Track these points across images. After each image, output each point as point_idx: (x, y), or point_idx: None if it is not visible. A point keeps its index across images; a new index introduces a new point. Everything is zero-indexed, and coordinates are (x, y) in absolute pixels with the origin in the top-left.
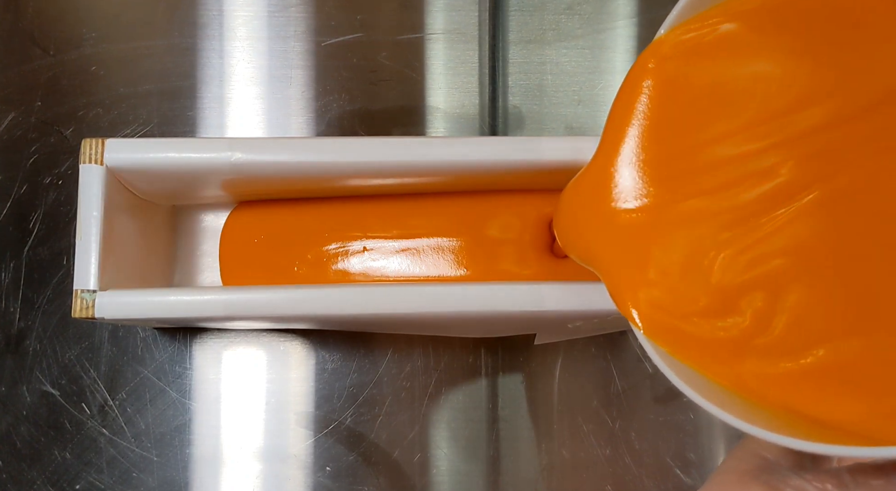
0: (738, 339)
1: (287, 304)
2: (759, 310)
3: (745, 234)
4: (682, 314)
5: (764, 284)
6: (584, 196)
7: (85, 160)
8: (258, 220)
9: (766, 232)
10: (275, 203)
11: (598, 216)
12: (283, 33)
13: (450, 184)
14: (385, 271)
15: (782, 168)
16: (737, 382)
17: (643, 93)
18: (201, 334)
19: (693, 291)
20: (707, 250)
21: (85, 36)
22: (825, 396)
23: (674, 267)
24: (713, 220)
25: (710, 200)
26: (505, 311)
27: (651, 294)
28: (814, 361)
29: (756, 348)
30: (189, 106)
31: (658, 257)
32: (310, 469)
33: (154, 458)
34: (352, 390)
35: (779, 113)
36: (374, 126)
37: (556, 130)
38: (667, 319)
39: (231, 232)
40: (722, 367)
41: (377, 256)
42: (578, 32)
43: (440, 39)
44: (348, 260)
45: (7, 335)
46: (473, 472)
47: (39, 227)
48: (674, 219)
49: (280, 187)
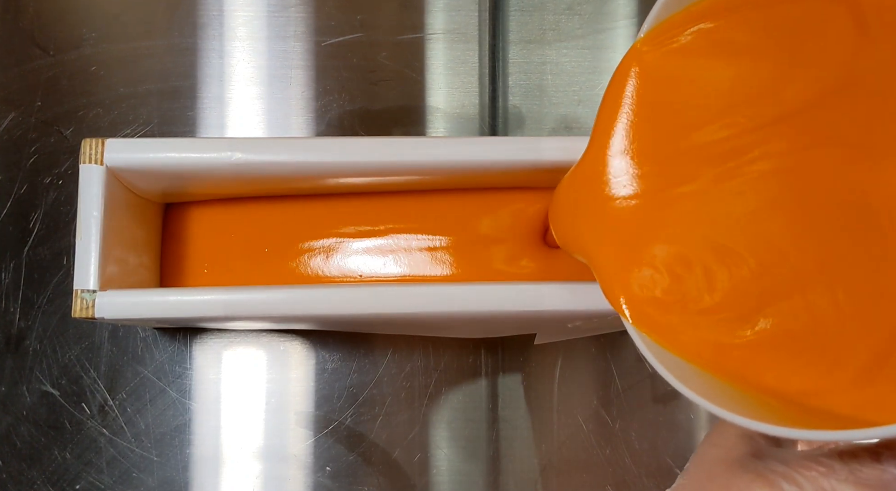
0: (706, 312)
1: (287, 304)
2: (723, 281)
3: (722, 218)
4: (671, 303)
5: (726, 259)
6: (578, 186)
7: (85, 160)
8: (236, 218)
9: (736, 214)
10: (259, 200)
11: (592, 204)
12: (283, 33)
13: (448, 182)
14: (374, 269)
15: (750, 153)
16: (717, 364)
17: (627, 89)
18: (201, 334)
19: (681, 277)
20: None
21: (85, 36)
22: (779, 363)
23: (663, 254)
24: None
25: (695, 186)
26: (505, 311)
27: (640, 282)
28: (763, 327)
29: (719, 321)
30: (189, 106)
31: (648, 245)
32: (310, 469)
33: (154, 458)
34: (352, 390)
35: (744, 102)
36: (374, 126)
37: (556, 130)
38: (654, 308)
39: (204, 228)
40: (703, 349)
41: (368, 254)
42: (578, 32)
43: (440, 39)
44: (334, 258)
45: (7, 335)
46: (473, 472)
47: (39, 227)
48: (662, 206)
49: (275, 186)
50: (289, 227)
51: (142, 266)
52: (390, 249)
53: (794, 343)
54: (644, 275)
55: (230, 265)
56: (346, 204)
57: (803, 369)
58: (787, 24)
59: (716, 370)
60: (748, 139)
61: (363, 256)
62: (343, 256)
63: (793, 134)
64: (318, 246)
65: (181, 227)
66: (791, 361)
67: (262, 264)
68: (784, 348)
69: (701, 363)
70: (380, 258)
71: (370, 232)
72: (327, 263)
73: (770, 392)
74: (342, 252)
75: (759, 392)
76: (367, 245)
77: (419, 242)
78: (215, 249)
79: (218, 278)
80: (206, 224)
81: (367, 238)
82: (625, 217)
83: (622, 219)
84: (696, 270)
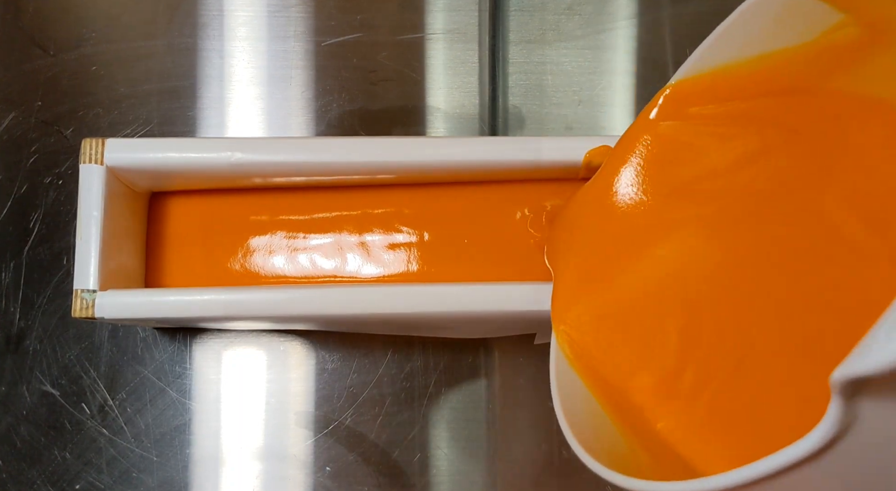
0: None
1: (287, 304)
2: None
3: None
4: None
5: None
6: (584, 198)
7: (85, 160)
8: (224, 208)
9: (694, 273)
10: (243, 192)
11: (594, 213)
12: (283, 33)
13: (448, 177)
14: (368, 265)
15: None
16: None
17: (642, 141)
18: (201, 334)
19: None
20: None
21: (85, 36)
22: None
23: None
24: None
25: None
26: (505, 311)
27: (580, 313)
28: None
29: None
30: (189, 106)
31: (620, 277)
32: (310, 469)
33: (154, 458)
34: (352, 390)
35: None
36: (374, 126)
37: (556, 130)
38: (593, 348)
39: (192, 218)
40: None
41: (362, 249)
42: (579, 33)
43: (440, 39)
44: (321, 253)
45: (7, 335)
46: (473, 472)
47: (39, 227)
48: (637, 247)
49: (273, 182)
50: (278, 218)
51: (134, 257)
52: (386, 243)
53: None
54: (584, 310)
55: (216, 256)
56: (345, 196)
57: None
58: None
59: (611, 407)
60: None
61: (358, 250)
62: (333, 251)
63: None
64: (308, 239)
65: (165, 215)
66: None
67: (249, 257)
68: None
69: (602, 393)
70: (376, 253)
71: (365, 227)
72: (314, 259)
73: (655, 443)
74: (331, 248)
75: (641, 440)
76: (363, 240)
77: (414, 238)
78: (200, 237)
79: (207, 268)
80: (194, 213)
81: (363, 234)
82: (624, 228)
83: (621, 230)
84: (636, 324)
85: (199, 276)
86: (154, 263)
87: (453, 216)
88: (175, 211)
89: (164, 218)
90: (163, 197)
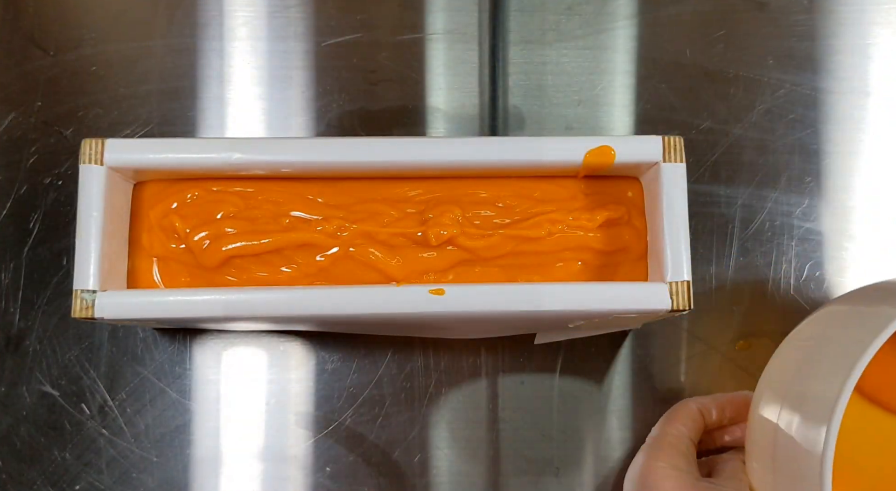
0: None
1: (288, 304)
2: None
3: None
4: None
5: None
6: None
7: (85, 160)
8: (220, 197)
9: None
10: (236, 181)
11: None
12: (283, 33)
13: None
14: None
15: None
16: None
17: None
18: (201, 334)
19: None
20: None
21: (85, 36)
22: None
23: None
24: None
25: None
26: (505, 311)
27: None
28: None
29: None
30: (189, 106)
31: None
32: (310, 469)
33: (154, 458)
34: (352, 391)
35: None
36: (374, 126)
37: (556, 130)
38: None
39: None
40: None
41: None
42: (578, 33)
43: (440, 39)
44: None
45: (7, 335)
46: (473, 472)
47: (39, 227)
48: None
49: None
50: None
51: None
52: (384, 241)
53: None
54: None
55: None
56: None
57: None
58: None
59: None
60: None
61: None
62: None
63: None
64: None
65: (154, 203)
66: None
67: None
68: None
69: None
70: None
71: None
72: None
73: None
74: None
75: None
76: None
77: (409, 234)
78: (194, 225)
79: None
80: (189, 200)
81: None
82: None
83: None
84: None
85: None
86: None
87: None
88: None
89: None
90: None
